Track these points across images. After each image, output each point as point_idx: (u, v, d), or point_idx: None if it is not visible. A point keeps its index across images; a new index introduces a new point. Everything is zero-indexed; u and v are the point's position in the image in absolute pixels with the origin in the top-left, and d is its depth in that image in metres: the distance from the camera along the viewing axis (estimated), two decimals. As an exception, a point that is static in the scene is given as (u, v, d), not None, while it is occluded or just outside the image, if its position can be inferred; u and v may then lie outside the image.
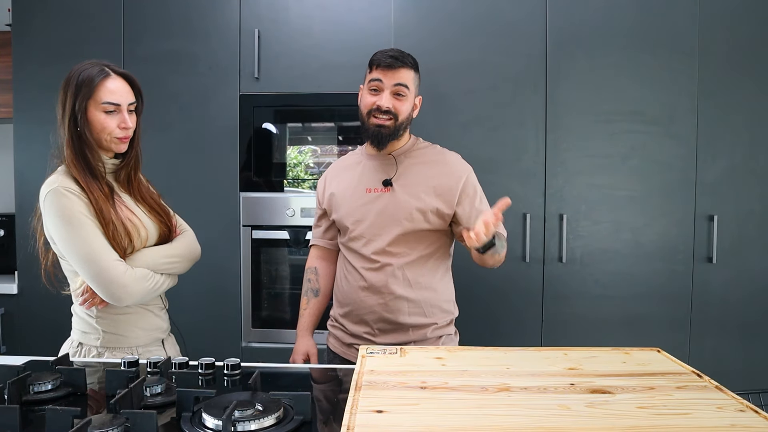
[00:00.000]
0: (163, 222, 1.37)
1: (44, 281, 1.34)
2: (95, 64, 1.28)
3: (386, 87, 1.45)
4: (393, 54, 1.45)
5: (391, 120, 1.46)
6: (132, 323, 1.33)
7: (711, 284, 2.10)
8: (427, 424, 0.80)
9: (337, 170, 1.62)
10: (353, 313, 1.53)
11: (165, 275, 1.34)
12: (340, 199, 1.55)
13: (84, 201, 1.23)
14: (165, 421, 0.89)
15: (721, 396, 0.92)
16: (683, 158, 2.09)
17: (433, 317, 1.52)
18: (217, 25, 2.18)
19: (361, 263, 1.51)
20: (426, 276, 1.50)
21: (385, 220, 1.48)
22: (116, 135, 1.28)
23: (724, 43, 2.07)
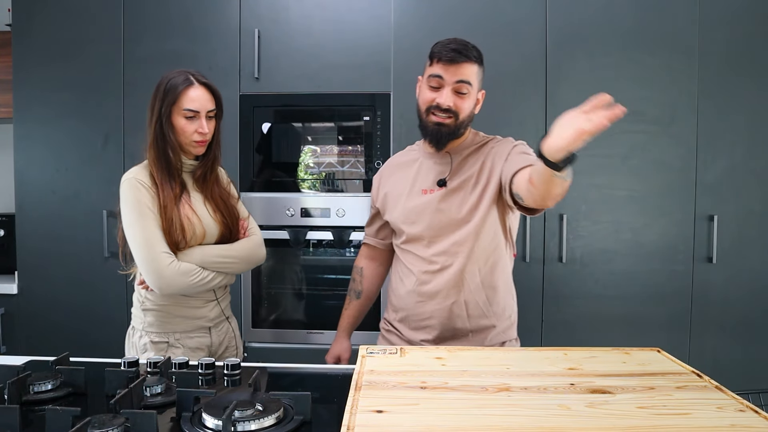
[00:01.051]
0: (225, 223, 1.45)
1: (121, 261, 1.46)
2: (182, 73, 1.39)
3: (447, 83, 1.34)
4: (455, 47, 1.33)
5: (451, 118, 1.36)
6: (173, 311, 1.42)
7: (711, 284, 2.10)
8: (427, 424, 0.80)
9: (393, 168, 1.55)
10: (410, 318, 1.46)
11: (216, 272, 1.40)
12: (395, 200, 1.49)
13: (152, 194, 1.36)
14: (165, 421, 0.89)
15: (721, 396, 0.92)
16: (683, 158, 2.09)
17: (493, 318, 1.44)
18: (217, 25, 2.18)
19: (419, 266, 1.44)
20: (487, 275, 1.43)
21: (441, 222, 1.41)
22: (194, 139, 1.39)
23: (724, 43, 2.07)
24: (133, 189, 1.36)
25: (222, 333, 1.51)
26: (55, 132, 2.24)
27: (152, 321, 1.42)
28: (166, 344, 1.41)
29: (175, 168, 1.40)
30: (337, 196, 2.18)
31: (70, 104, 2.22)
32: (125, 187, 1.37)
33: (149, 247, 1.32)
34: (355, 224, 2.16)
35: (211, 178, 1.47)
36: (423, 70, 1.43)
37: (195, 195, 1.44)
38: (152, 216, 1.34)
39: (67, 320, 2.25)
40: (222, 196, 1.47)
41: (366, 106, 2.17)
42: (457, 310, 1.41)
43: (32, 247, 2.25)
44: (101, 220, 2.20)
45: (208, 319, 1.47)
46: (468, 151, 1.44)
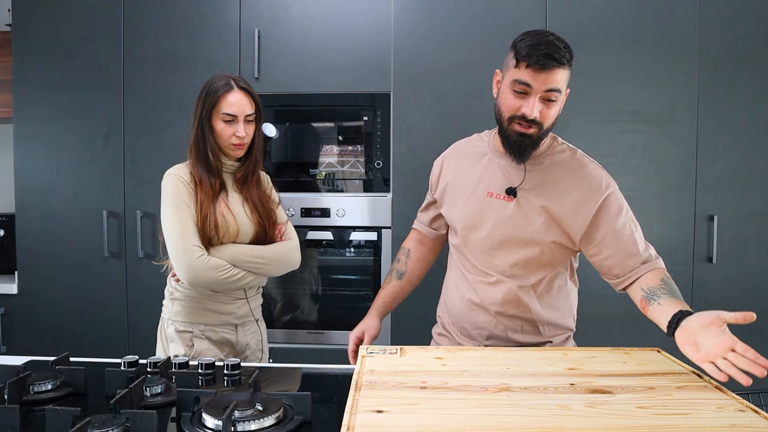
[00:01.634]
0: (261, 224, 1.48)
1: (160, 253, 1.52)
2: (223, 78, 1.44)
3: (535, 92, 1.17)
4: (547, 50, 1.13)
5: (535, 128, 1.21)
6: (201, 302, 1.46)
7: (711, 284, 2.10)
8: (427, 424, 0.80)
9: (458, 156, 1.41)
10: (462, 324, 1.39)
11: (246, 272, 1.43)
12: (455, 195, 1.37)
13: (190, 190, 1.41)
14: (165, 421, 0.89)
15: (721, 396, 0.92)
16: (683, 158, 2.09)
17: (549, 335, 1.36)
18: (217, 25, 2.18)
19: (473, 274, 1.35)
20: (545, 296, 1.33)
21: (503, 235, 1.29)
22: (232, 142, 1.44)
23: (724, 43, 2.07)
24: (173, 184, 1.42)
25: (249, 334, 1.53)
26: (55, 132, 2.24)
27: (179, 310, 1.47)
28: (191, 334, 1.45)
29: (214, 168, 1.44)
30: (337, 196, 2.18)
31: (70, 104, 2.22)
32: (166, 182, 1.44)
33: (182, 240, 1.36)
34: (355, 224, 2.16)
35: (251, 181, 1.51)
36: (503, 64, 1.26)
37: (233, 195, 1.48)
38: (188, 211, 1.39)
39: (67, 320, 2.25)
40: (261, 199, 1.51)
41: (366, 106, 2.17)
42: (512, 325, 1.34)
43: (32, 247, 2.25)
44: (101, 220, 2.20)
45: (235, 316, 1.50)
46: (547, 163, 1.29)
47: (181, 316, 1.47)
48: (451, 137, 2.12)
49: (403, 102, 2.13)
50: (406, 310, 2.14)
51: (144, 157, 2.21)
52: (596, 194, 1.24)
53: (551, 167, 1.29)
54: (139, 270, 2.22)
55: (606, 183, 1.26)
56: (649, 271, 1.25)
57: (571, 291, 1.41)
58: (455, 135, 2.15)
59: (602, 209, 1.24)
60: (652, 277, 1.23)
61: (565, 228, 1.26)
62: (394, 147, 2.14)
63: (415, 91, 2.13)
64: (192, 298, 1.46)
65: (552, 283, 1.34)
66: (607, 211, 1.25)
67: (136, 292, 2.22)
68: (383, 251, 2.16)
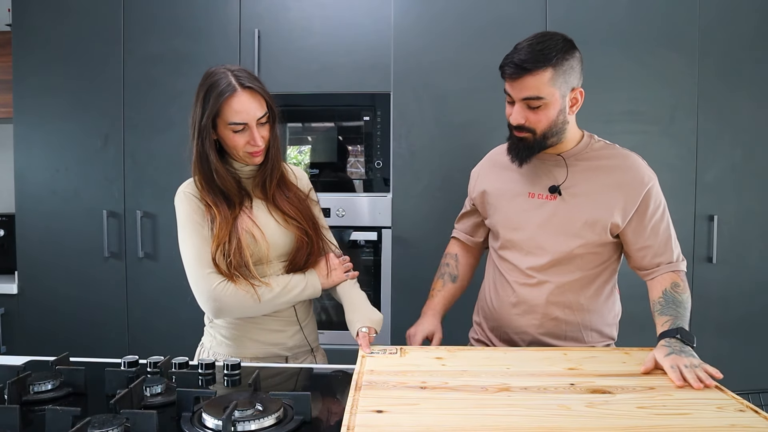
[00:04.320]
0: (301, 228, 1.28)
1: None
2: (224, 75, 1.19)
3: (515, 99, 1.21)
4: (518, 58, 1.17)
5: (527, 134, 1.23)
6: (242, 332, 1.29)
7: (711, 284, 2.10)
8: (427, 424, 0.80)
9: (493, 164, 1.41)
10: (501, 329, 1.37)
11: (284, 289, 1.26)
12: (496, 201, 1.37)
13: (203, 206, 1.23)
14: (165, 421, 0.89)
15: (721, 396, 0.92)
16: (683, 158, 2.09)
17: (591, 340, 1.34)
18: (217, 25, 2.18)
19: (516, 277, 1.34)
20: (590, 297, 1.32)
21: (549, 233, 1.29)
22: (247, 151, 1.23)
23: (724, 43, 2.07)
24: (183, 202, 1.25)
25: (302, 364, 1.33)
26: (55, 132, 2.24)
27: (221, 340, 1.30)
28: None
29: (225, 192, 1.24)
30: (337, 195, 2.18)
31: (70, 104, 2.22)
32: (177, 202, 1.26)
33: (194, 267, 1.20)
34: (356, 224, 2.16)
35: (272, 185, 1.30)
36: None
37: (258, 203, 1.29)
38: (201, 231, 1.22)
39: (67, 320, 2.25)
40: (290, 200, 1.31)
41: (366, 106, 2.17)
42: (554, 329, 1.32)
43: (32, 247, 2.25)
44: (101, 220, 2.20)
45: (285, 347, 1.31)
46: (587, 158, 1.30)
47: (223, 347, 1.30)
48: (451, 137, 2.13)
49: (403, 102, 2.13)
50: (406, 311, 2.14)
51: (144, 157, 2.21)
52: (639, 186, 1.26)
53: (592, 163, 1.30)
54: (139, 270, 2.22)
55: (648, 176, 1.28)
56: (666, 272, 1.27)
57: (616, 299, 1.41)
58: (455, 135, 2.16)
59: (644, 201, 1.26)
60: (663, 283, 1.26)
61: (610, 221, 1.26)
62: (394, 147, 2.14)
63: (415, 91, 2.13)
64: (234, 325, 1.28)
65: (596, 286, 1.33)
66: (649, 204, 1.26)
67: (136, 292, 2.22)
68: (383, 251, 2.16)
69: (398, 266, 2.14)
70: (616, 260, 1.35)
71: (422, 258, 2.06)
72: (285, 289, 1.25)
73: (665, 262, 1.27)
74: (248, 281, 1.21)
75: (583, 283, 1.31)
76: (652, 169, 1.30)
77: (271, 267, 1.29)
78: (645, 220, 1.26)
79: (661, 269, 1.27)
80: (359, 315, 1.28)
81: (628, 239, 1.28)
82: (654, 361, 1.07)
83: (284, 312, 1.31)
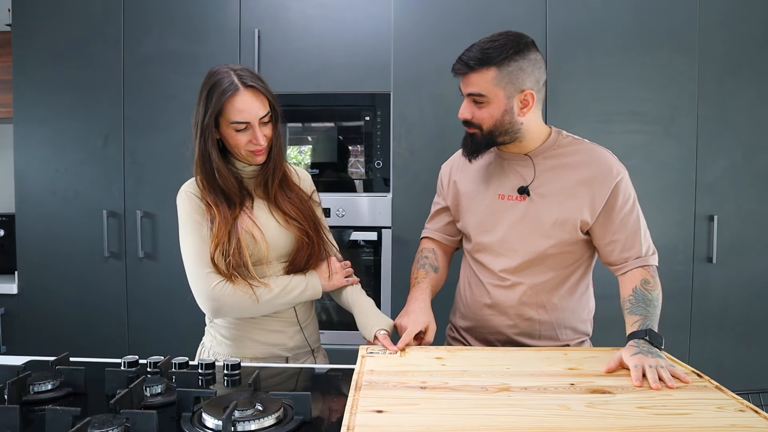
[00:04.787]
0: (302, 229, 1.28)
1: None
2: (226, 73, 1.19)
3: (464, 94, 1.25)
4: (465, 57, 1.21)
5: (474, 129, 1.25)
6: (243, 332, 1.28)
7: (711, 284, 2.10)
8: (427, 424, 0.80)
9: (464, 162, 1.37)
10: (476, 329, 1.38)
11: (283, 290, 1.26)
12: (467, 203, 1.37)
13: (204, 206, 1.23)
14: (165, 421, 0.89)
15: (721, 396, 0.92)
16: (683, 158, 2.09)
17: (565, 338, 1.34)
18: (217, 25, 2.18)
19: (489, 278, 1.34)
20: (563, 296, 1.32)
21: (519, 235, 1.28)
22: (249, 149, 1.22)
23: (724, 44, 2.07)
24: (185, 201, 1.25)
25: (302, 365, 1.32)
26: (55, 132, 2.24)
27: (221, 340, 1.30)
28: None
29: (226, 191, 1.24)
30: (337, 195, 2.18)
31: (70, 104, 2.22)
32: (179, 201, 1.27)
33: (194, 266, 1.21)
34: (356, 224, 2.16)
35: (274, 185, 1.29)
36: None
37: (259, 203, 1.29)
38: (201, 230, 1.21)
39: (67, 320, 2.25)
40: (292, 200, 1.30)
41: (366, 106, 2.17)
42: (528, 329, 1.32)
43: (32, 247, 2.25)
44: (101, 220, 2.20)
45: (285, 348, 1.31)
46: (554, 156, 1.29)
47: (224, 347, 1.30)
48: (451, 137, 2.12)
49: (403, 102, 2.13)
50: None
51: (144, 157, 2.21)
52: (608, 180, 1.24)
53: (560, 160, 1.29)
54: (139, 270, 2.22)
55: (617, 169, 1.26)
56: (636, 267, 1.26)
57: (590, 295, 1.41)
58: (455, 135, 2.15)
59: (613, 195, 1.24)
60: (633, 280, 1.25)
61: (579, 218, 1.26)
62: (394, 147, 2.14)
63: (415, 91, 2.13)
64: (234, 326, 1.28)
65: (569, 284, 1.33)
66: (618, 197, 1.25)
67: (136, 292, 2.22)
68: (383, 251, 2.16)
69: (398, 266, 2.14)
70: (589, 257, 1.35)
71: (422, 258, 2.06)
72: (284, 290, 1.24)
73: (634, 257, 1.26)
74: (247, 282, 1.21)
75: (556, 282, 1.31)
76: (621, 163, 1.29)
77: (271, 268, 1.28)
78: (613, 213, 1.25)
79: (629, 264, 1.26)
80: (375, 320, 1.28)
81: (597, 234, 1.28)
82: (620, 360, 1.07)
83: (284, 313, 1.30)
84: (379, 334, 1.24)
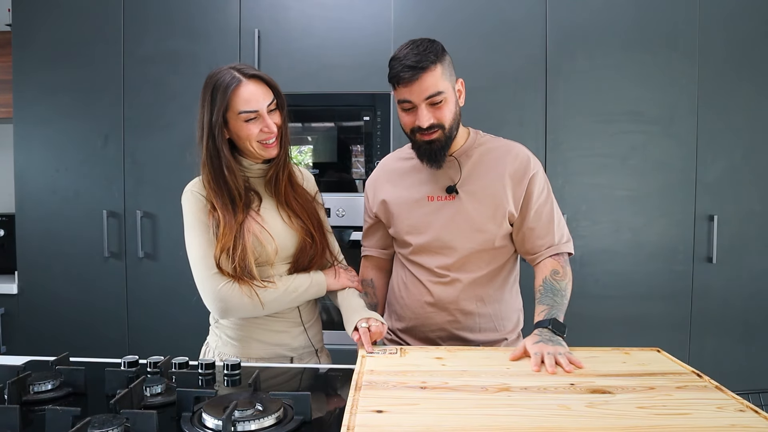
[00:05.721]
0: (305, 229, 1.28)
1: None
2: (226, 71, 1.20)
3: (418, 103, 1.22)
4: (410, 62, 1.20)
5: (438, 131, 1.25)
6: (247, 332, 1.29)
7: (711, 284, 2.10)
8: (427, 424, 0.80)
9: (389, 174, 1.42)
10: (417, 329, 1.39)
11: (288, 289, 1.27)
12: (397, 209, 1.38)
13: (210, 207, 1.23)
14: (165, 421, 0.89)
15: (721, 396, 0.92)
16: (683, 158, 2.09)
17: (504, 331, 1.38)
18: (217, 25, 2.18)
19: (427, 276, 1.36)
20: (498, 289, 1.37)
21: (453, 233, 1.32)
22: (260, 139, 1.22)
23: (724, 43, 2.07)
24: (191, 200, 1.24)
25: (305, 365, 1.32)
26: (55, 132, 2.24)
27: (226, 340, 1.31)
28: None
29: (233, 190, 1.22)
30: (338, 196, 2.18)
31: (70, 104, 2.22)
32: (184, 201, 1.26)
33: (204, 267, 1.20)
34: (356, 224, 2.16)
35: (284, 179, 1.29)
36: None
37: (267, 203, 1.29)
38: (209, 232, 1.21)
39: (67, 320, 2.25)
40: (298, 199, 1.31)
41: (366, 106, 2.17)
42: (469, 323, 1.35)
43: (32, 247, 2.25)
44: (101, 220, 2.20)
45: (289, 348, 1.31)
46: (477, 154, 1.34)
47: (229, 347, 1.30)
48: (451, 137, 2.13)
49: (403, 102, 2.13)
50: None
51: (144, 157, 2.21)
52: (526, 172, 1.31)
53: (482, 157, 1.34)
54: (139, 270, 2.22)
55: (533, 163, 1.33)
56: (548, 257, 1.33)
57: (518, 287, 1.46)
58: (455, 135, 2.16)
59: (530, 187, 1.31)
60: (544, 270, 1.32)
61: (507, 209, 1.31)
62: (394, 147, 2.14)
63: (415, 91, 2.13)
64: (239, 326, 1.28)
65: (502, 276, 1.38)
66: (534, 189, 1.32)
67: (136, 292, 2.22)
68: (383, 251, 2.15)
69: (398, 266, 2.14)
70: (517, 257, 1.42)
71: (422, 258, 2.06)
72: (289, 288, 1.25)
73: (546, 245, 1.32)
74: (253, 282, 1.21)
75: (492, 275, 1.35)
76: (536, 158, 1.36)
77: (275, 268, 1.28)
78: (530, 204, 1.31)
79: (542, 253, 1.32)
80: (357, 315, 1.28)
81: (515, 224, 1.34)
82: (524, 348, 1.12)
83: (289, 313, 1.31)
84: (360, 326, 1.23)
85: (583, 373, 1.03)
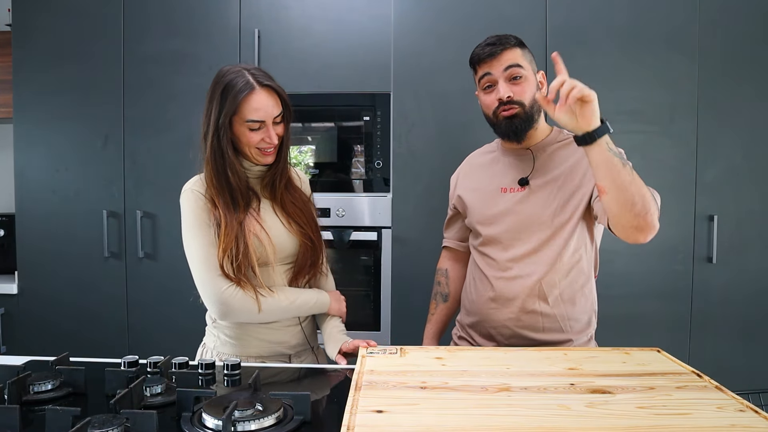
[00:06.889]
0: (304, 233, 1.30)
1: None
2: (240, 74, 1.20)
3: (498, 77, 1.29)
4: (490, 41, 1.30)
5: (517, 108, 1.29)
6: (246, 331, 1.29)
7: (711, 284, 2.10)
8: (427, 424, 0.80)
9: (470, 167, 1.49)
10: (480, 324, 1.39)
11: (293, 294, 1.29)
12: (472, 201, 1.42)
13: (210, 205, 1.23)
14: (165, 421, 0.89)
15: (721, 396, 0.92)
16: (683, 158, 2.09)
17: (570, 332, 1.34)
18: (217, 25, 2.18)
19: (493, 271, 1.37)
20: (566, 288, 1.33)
21: (522, 224, 1.33)
22: (260, 147, 1.23)
23: (724, 43, 2.07)
24: (190, 200, 1.23)
25: (305, 364, 1.35)
26: (55, 132, 2.24)
27: (225, 340, 1.31)
28: None
29: (235, 189, 1.23)
30: (337, 195, 2.18)
31: (70, 104, 2.22)
32: (183, 199, 1.25)
33: (202, 269, 1.20)
34: (356, 224, 2.16)
35: (281, 185, 1.31)
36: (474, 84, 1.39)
37: (265, 203, 1.30)
38: (209, 232, 1.21)
39: (67, 320, 2.25)
40: (296, 203, 1.32)
41: (366, 106, 2.17)
42: (532, 321, 1.33)
43: (32, 247, 2.25)
44: (101, 220, 2.20)
45: (288, 346, 1.32)
46: (553, 148, 1.36)
47: (228, 346, 1.30)
48: (451, 137, 2.13)
49: (403, 102, 2.13)
50: (406, 311, 2.14)
51: (144, 157, 2.21)
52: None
53: (557, 151, 1.35)
54: (139, 270, 2.22)
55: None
56: None
57: (592, 288, 1.41)
58: (455, 134, 2.16)
59: None
60: None
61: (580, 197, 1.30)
62: (394, 147, 2.14)
63: (415, 90, 2.13)
64: (237, 325, 1.29)
65: (571, 276, 1.34)
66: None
67: (136, 292, 2.23)
68: (383, 251, 2.16)
69: (398, 266, 2.14)
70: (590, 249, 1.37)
71: (422, 258, 2.06)
72: (296, 302, 1.28)
73: None
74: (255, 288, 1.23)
75: (559, 274, 1.32)
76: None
77: (276, 270, 1.29)
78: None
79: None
80: (341, 339, 1.32)
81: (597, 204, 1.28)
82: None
83: None
84: (345, 346, 1.28)
85: (583, 373, 1.03)
